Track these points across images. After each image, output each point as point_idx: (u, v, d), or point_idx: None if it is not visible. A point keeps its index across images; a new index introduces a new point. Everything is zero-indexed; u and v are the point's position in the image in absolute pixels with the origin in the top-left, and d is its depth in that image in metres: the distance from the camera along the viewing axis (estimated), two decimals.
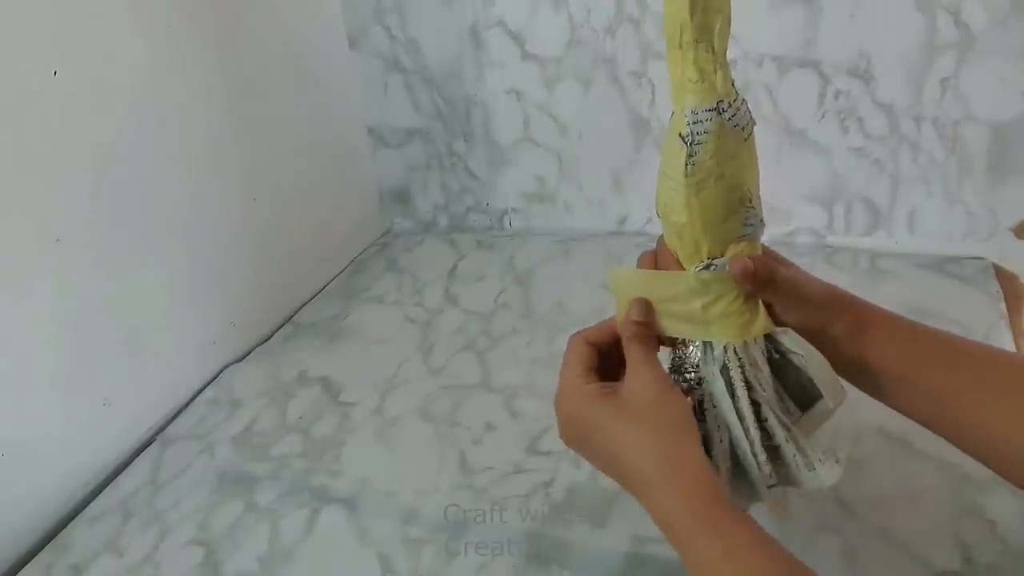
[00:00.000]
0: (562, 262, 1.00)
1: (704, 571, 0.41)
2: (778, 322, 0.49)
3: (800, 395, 0.49)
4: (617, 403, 0.47)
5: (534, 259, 1.01)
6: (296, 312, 0.96)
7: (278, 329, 0.93)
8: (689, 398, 0.48)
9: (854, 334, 0.49)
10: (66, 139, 0.65)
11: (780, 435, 0.47)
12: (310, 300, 0.99)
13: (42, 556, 0.63)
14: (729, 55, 0.91)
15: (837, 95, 0.86)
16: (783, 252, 0.55)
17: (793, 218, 0.94)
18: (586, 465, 0.64)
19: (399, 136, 1.09)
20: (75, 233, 0.66)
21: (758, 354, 0.48)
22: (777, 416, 0.47)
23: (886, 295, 0.83)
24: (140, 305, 0.74)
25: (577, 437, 0.50)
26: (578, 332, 0.52)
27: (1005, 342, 0.73)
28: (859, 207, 0.91)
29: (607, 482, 0.62)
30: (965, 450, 0.48)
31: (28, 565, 0.62)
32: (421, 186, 1.12)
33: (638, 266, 0.52)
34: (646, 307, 0.49)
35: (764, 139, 0.93)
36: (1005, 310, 0.79)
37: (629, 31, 0.91)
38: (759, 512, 0.57)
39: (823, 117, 0.88)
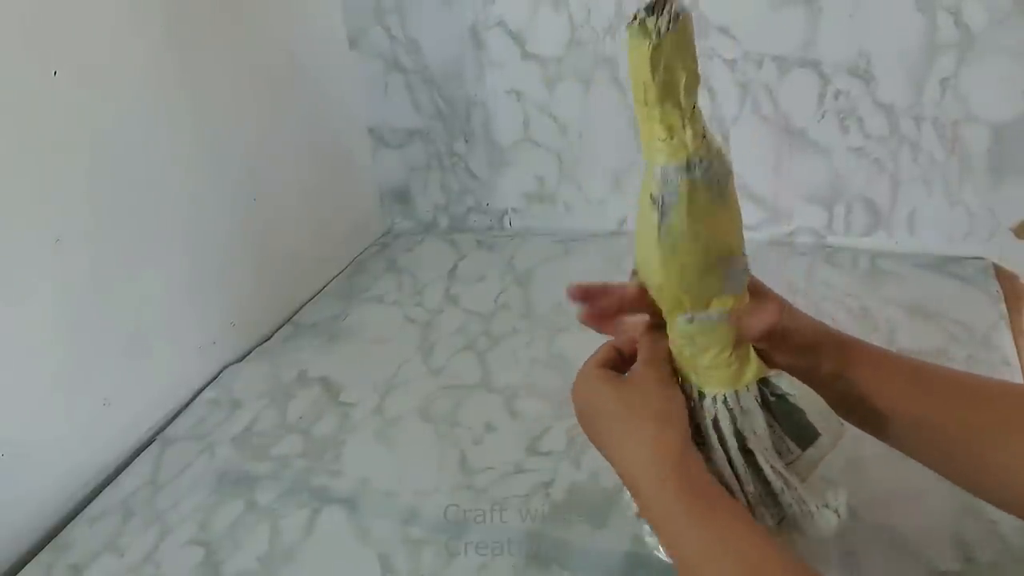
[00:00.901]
0: (562, 262, 1.00)
1: (697, 560, 0.41)
2: (768, 362, 0.49)
3: (799, 434, 0.48)
4: (619, 388, 0.48)
5: (534, 259, 1.01)
6: (296, 312, 0.96)
7: (278, 329, 0.93)
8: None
9: (843, 373, 0.49)
10: (66, 139, 0.65)
11: (777, 484, 0.47)
12: (310, 300, 0.99)
13: (42, 556, 0.63)
14: (729, 55, 0.92)
15: (837, 95, 0.86)
16: (783, 252, 0.55)
17: (793, 218, 0.94)
18: (586, 465, 0.65)
19: (399, 136, 1.09)
20: (75, 233, 0.66)
21: (750, 401, 0.47)
22: (772, 465, 0.47)
23: (886, 295, 0.83)
24: (140, 305, 0.74)
25: (584, 422, 0.51)
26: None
27: (1005, 342, 0.73)
28: (859, 207, 0.91)
29: (607, 482, 0.62)
30: (962, 484, 0.48)
31: (28, 565, 0.62)
32: (421, 186, 1.12)
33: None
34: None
35: (764, 139, 0.94)
36: (1005, 310, 0.79)
37: None
38: None
39: (823, 117, 0.88)
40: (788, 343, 0.48)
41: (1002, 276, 0.85)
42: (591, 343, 0.58)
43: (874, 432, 0.51)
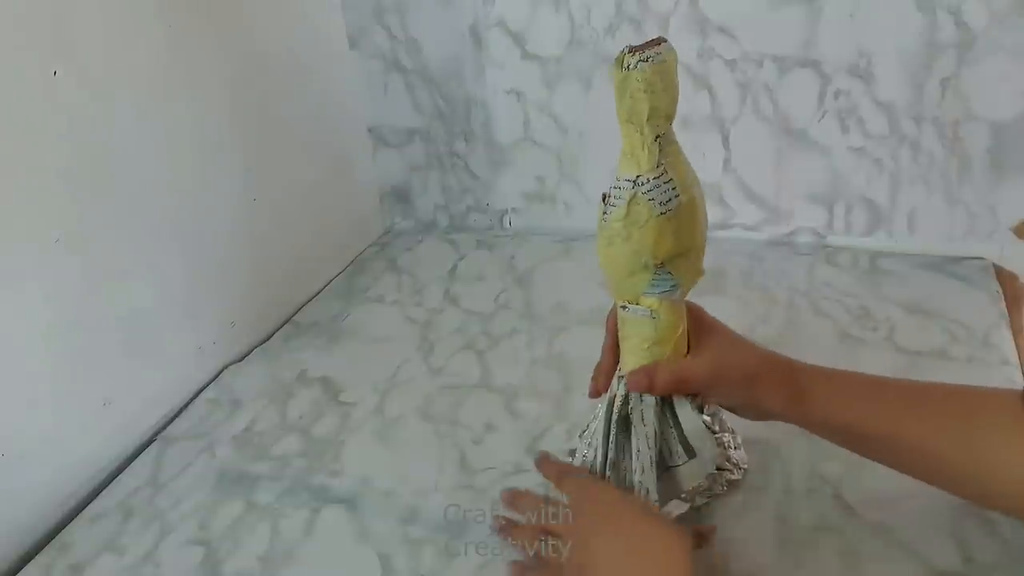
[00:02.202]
0: (562, 262, 1.00)
1: None
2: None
3: (685, 446, 0.56)
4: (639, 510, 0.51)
5: (534, 259, 1.01)
6: (296, 312, 0.96)
7: (278, 329, 0.93)
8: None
9: (793, 404, 0.51)
10: (66, 139, 0.65)
11: (635, 464, 0.54)
12: (310, 300, 0.99)
13: (42, 556, 0.63)
14: (729, 55, 0.92)
15: (837, 95, 0.86)
16: (783, 252, 0.56)
17: (793, 218, 0.94)
18: None
19: (399, 136, 1.09)
20: (74, 233, 0.66)
21: (650, 395, 0.54)
22: (639, 450, 0.54)
23: (886, 295, 0.83)
24: (140, 305, 0.74)
25: (593, 518, 0.52)
26: None
27: (1005, 342, 0.73)
28: (859, 207, 0.91)
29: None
30: (954, 492, 0.51)
31: (28, 565, 0.62)
32: (421, 186, 1.12)
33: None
34: None
35: (764, 139, 0.94)
36: (1005, 310, 0.79)
37: (629, 31, 0.91)
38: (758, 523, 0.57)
39: (823, 117, 0.88)
40: (728, 377, 0.52)
41: (1002, 276, 0.85)
42: (591, 343, 0.58)
43: (852, 449, 0.53)
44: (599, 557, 0.48)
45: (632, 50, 0.47)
